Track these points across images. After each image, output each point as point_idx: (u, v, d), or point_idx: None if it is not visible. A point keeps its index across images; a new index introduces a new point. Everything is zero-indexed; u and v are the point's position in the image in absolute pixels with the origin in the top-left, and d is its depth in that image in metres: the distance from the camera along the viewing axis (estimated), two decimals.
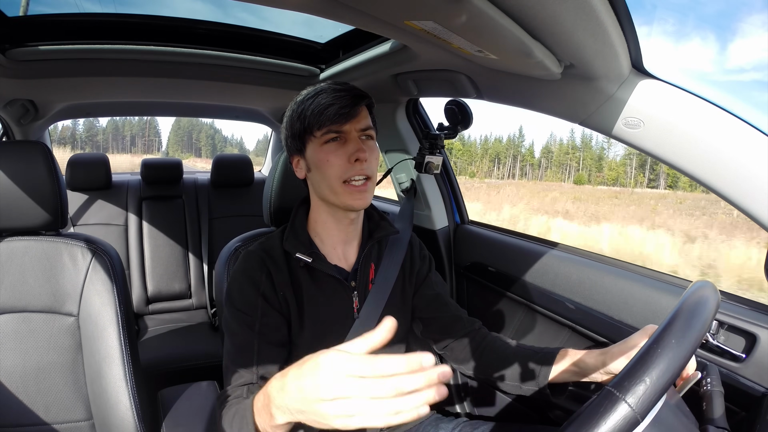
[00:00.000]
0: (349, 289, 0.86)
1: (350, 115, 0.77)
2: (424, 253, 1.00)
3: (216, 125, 73.65)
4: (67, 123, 65.31)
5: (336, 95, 0.77)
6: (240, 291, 0.81)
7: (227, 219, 2.25)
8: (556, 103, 0.89)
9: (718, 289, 0.56)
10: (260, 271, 0.82)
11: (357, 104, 0.78)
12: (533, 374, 0.82)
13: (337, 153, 0.77)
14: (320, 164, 0.79)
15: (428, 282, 0.97)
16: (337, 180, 0.78)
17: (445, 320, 0.94)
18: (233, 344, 0.79)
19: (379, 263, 0.91)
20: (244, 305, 0.80)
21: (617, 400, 0.42)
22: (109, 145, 66.56)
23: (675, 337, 0.46)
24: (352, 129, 0.78)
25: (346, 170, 0.77)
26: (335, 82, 0.81)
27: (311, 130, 0.78)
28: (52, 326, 0.93)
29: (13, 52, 1.12)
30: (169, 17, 1.22)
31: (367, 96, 0.80)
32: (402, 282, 0.93)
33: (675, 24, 38.67)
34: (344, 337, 0.84)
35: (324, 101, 0.76)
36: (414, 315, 0.97)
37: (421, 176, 1.41)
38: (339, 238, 0.87)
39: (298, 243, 0.84)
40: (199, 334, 1.86)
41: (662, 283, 0.93)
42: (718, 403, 0.60)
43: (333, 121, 0.76)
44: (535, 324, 1.20)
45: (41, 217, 0.95)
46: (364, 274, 0.88)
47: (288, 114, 0.83)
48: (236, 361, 0.78)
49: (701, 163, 0.72)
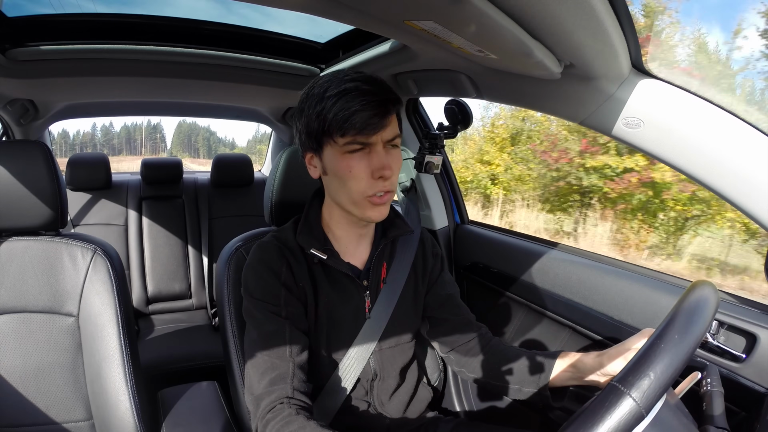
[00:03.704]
0: (362, 288, 0.84)
1: (378, 126, 0.69)
2: (436, 250, 0.96)
3: (211, 128, 76.63)
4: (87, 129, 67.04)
5: (364, 100, 0.67)
6: (259, 280, 0.78)
7: (227, 219, 2.24)
8: (556, 103, 0.89)
9: (717, 289, 0.56)
10: (280, 261, 0.79)
11: (387, 112, 0.69)
12: (534, 376, 0.82)
13: (360, 165, 0.71)
14: (341, 173, 0.72)
15: (441, 281, 0.94)
16: (360, 195, 0.72)
17: (457, 323, 0.92)
18: (260, 333, 0.75)
19: (392, 262, 0.88)
20: (266, 295, 0.77)
21: (622, 395, 0.42)
22: (123, 147, 70.49)
23: (678, 333, 0.46)
24: (379, 140, 0.70)
25: (369, 186, 0.71)
26: (364, 78, 0.70)
27: (332, 134, 0.70)
28: (52, 326, 0.93)
29: (13, 52, 1.12)
30: (168, 17, 1.22)
31: (399, 100, 0.72)
32: (414, 280, 0.90)
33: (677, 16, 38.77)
34: (355, 336, 0.83)
35: (351, 107, 0.67)
36: (424, 314, 0.93)
37: (421, 176, 1.41)
38: (353, 237, 0.84)
39: (313, 239, 0.80)
40: (199, 335, 1.85)
41: (662, 283, 0.93)
42: (718, 403, 0.60)
43: (359, 131, 0.68)
44: (536, 324, 1.20)
45: (41, 217, 0.95)
46: (377, 273, 0.86)
47: (302, 107, 0.74)
48: (267, 349, 0.74)
49: (701, 163, 0.72)
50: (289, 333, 0.76)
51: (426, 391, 0.97)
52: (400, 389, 0.90)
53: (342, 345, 0.83)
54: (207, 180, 2.33)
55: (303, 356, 0.76)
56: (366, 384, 0.86)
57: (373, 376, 0.86)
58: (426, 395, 0.96)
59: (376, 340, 0.84)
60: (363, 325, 0.84)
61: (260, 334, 0.76)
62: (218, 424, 0.90)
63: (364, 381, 0.85)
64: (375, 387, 0.86)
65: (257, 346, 0.75)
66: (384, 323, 0.84)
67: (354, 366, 0.83)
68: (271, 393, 0.71)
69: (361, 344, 0.83)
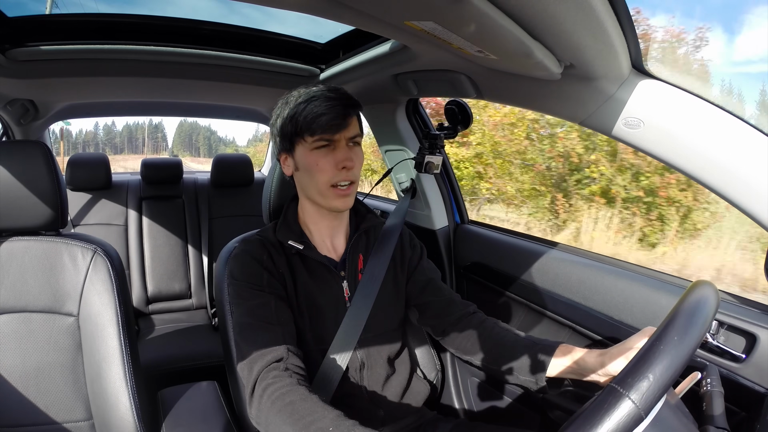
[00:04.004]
0: (339, 278, 0.91)
1: (341, 126, 0.81)
2: (415, 242, 1.04)
3: (212, 127, 77.29)
4: (90, 128, 67.61)
5: (329, 104, 0.80)
6: (243, 266, 0.86)
7: (227, 219, 2.25)
8: (556, 103, 0.89)
9: (717, 289, 0.56)
10: (261, 251, 0.87)
11: (349, 115, 0.82)
12: (532, 365, 0.82)
13: (326, 159, 0.82)
14: (309, 167, 0.83)
15: (420, 269, 1.00)
16: (325, 185, 0.83)
17: (440, 304, 0.97)
18: (247, 309, 0.82)
19: (368, 254, 0.95)
20: (249, 276, 0.84)
21: (621, 397, 0.42)
22: (125, 146, 70.84)
23: (677, 334, 0.46)
24: (342, 138, 0.82)
25: (333, 176, 0.82)
26: (328, 88, 0.84)
27: (302, 134, 0.82)
28: (52, 326, 0.93)
29: (13, 52, 1.12)
30: (168, 17, 1.22)
31: (358, 104, 0.85)
32: (394, 271, 0.97)
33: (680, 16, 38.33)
34: (339, 323, 0.88)
35: (317, 110, 0.79)
36: (409, 303, 1.00)
37: (421, 176, 1.41)
38: (327, 230, 0.92)
39: (290, 232, 0.89)
40: (199, 335, 1.85)
41: (662, 283, 0.93)
42: (718, 403, 0.60)
43: (325, 130, 0.80)
44: (536, 324, 1.20)
45: (41, 217, 0.95)
46: (353, 263, 0.93)
47: (278, 113, 0.86)
48: (255, 319, 0.80)
49: (701, 163, 0.72)
50: (275, 304, 0.82)
51: (422, 384, 0.99)
52: (392, 379, 0.94)
53: (327, 333, 0.88)
54: (207, 180, 2.33)
55: (291, 327, 0.83)
56: (356, 374, 0.90)
57: (360, 365, 0.90)
58: (422, 389, 0.98)
59: (361, 328, 0.88)
60: (345, 314, 0.89)
61: (247, 309, 0.82)
62: (218, 424, 0.90)
63: (352, 370, 0.89)
64: (365, 377, 0.90)
65: (245, 318, 0.81)
66: (366, 312, 0.89)
67: (340, 354, 0.87)
68: (264, 355, 0.76)
69: (345, 332, 0.88)
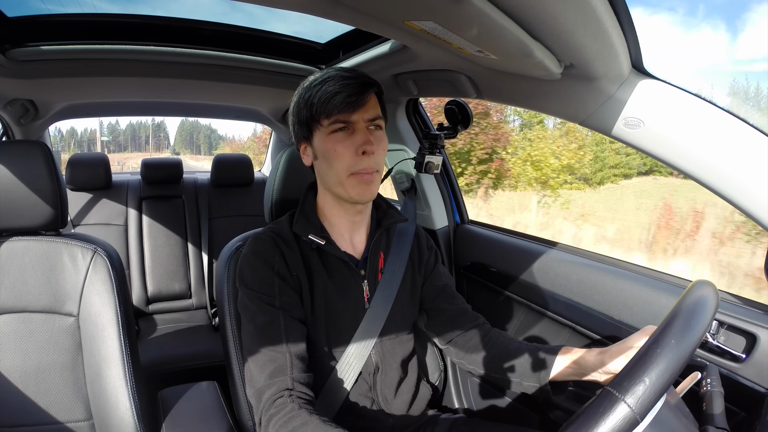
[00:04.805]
0: (359, 278, 0.86)
1: (358, 104, 0.75)
2: (431, 244, 1.00)
3: (212, 126, 77.81)
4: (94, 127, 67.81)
5: (343, 83, 0.74)
6: (253, 271, 0.80)
7: (227, 219, 2.24)
8: (556, 103, 0.89)
9: (717, 289, 0.56)
10: (273, 251, 0.81)
11: (365, 92, 0.76)
12: (535, 371, 0.82)
13: (344, 143, 0.76)
14: (327, 154, 0.77)
15: (436, 272, 0.96)
16: (345, 172, 0.77)
17: (452, 313, 0.94)
18: (256, 326, 0.77)
19: (388, 252, 0.90)
20: (260, 285, 0.79)
21: (616, 401, 0.42)
22: (128, 144, 71.44)
23: (674, 337, 0.46)
24: (360, 119, 0.76)
25: (353, 163, 0.76)
26: (343, 69, 0.79)
27: (318, 118, 0.77)
28: (52, 326, 0.93)
29: (13, 52, 1.12)
30: (168, 17, 1.22)
31: (376, 83, 0.78)
32: (411, 272, 0.92)
33: (684, 14, 38.17)
34: (356, 327, 0.84)
35: (331, 89, 0.74)
36: (421, 306, 0.96)
37: (421, 176, 1.41)
38: (347, 225, 0.86)
39: (309, 225, 0.83)
40: (200, 335, 1.85)
41: (662, 283, 0.93)
42: (718, 404, 0.60)
43: (340, 110, 0.74)
44: (536, 324, 1.20)
45: (41, 217, 0.95)
46: (374, 262, 0.88)
47: (295, 100, 0.82)
48: (263, 341, 0.75)
49: (701, 163, 0.72)
50: (284, 323, 0.77)
51: (426, 389, 0.97)
52: (404, 384, 0.90)
53: (343, 336, 0.84)
54: (207, 180, 2.33)
55: (300, 346, 0.77)
56: (369, 378, 0.86)
57: (374, 369, 0.86)
58: (426, 394, 0.97)
59: (378, 330, 0.85)
60: (363, 316, 0.84)
61: (255, 327, 0.77)
62: (218, 424, 0.89)
63: (366, 374, 0.86)
64: (378, 381, 0.87)
65: (254, 338, 0.77)
66: (385, 314, 0.85)
67: (356, 358, 0.83)
68: (271, 386, 0.72)
69: (362, 335, 0.84)
